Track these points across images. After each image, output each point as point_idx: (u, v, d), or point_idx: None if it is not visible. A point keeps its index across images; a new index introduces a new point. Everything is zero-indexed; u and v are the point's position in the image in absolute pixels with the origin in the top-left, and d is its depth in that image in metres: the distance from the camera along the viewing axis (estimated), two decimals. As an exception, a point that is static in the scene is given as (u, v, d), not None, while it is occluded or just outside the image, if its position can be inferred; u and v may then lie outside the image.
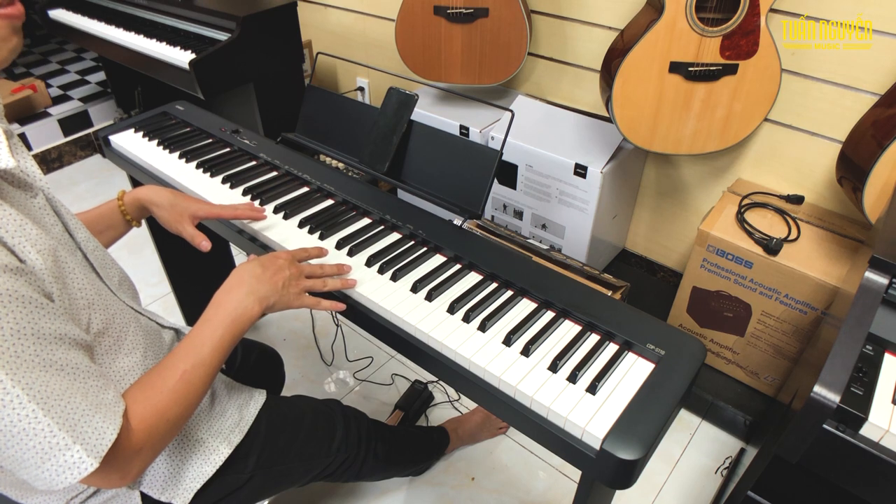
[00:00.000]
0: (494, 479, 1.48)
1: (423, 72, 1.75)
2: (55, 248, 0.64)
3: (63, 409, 0.56)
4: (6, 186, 0.63)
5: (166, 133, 1.30)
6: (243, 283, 0.78)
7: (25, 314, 0.55)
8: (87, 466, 0.58)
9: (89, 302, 0.69)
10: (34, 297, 0.57)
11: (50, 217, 0.70)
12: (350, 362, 1.79)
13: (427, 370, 0.86)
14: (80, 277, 0.68)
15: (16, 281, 0.55)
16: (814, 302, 1.33)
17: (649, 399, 0.72)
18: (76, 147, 2.81)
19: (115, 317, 0.74)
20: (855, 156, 1.19)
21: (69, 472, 0.57)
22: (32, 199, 0.67)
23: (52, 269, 0.62)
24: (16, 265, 0.56)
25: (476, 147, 1.01)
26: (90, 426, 0.58)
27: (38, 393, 0.55)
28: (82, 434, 0.57)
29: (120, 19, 2.12)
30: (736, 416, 1.53)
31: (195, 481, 0.85)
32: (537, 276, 0.91)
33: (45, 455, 0.56)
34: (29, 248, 0.59)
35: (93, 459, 0.58)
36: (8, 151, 0.60)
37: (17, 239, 0.59)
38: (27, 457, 0.56)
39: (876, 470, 0.74)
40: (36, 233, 0.62)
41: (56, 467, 0.57)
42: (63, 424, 0.56)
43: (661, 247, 1.90)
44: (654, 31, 1.29)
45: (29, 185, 0.67)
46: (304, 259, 0.90)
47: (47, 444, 0.56)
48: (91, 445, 0.58)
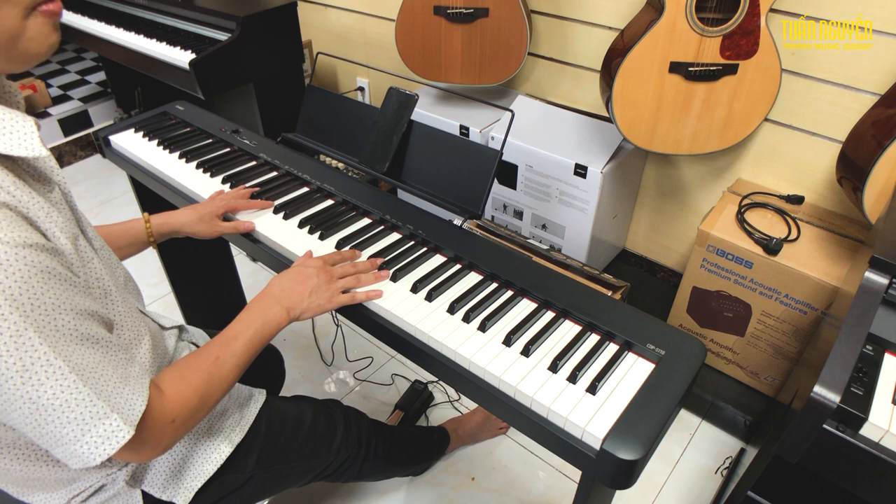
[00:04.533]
0: (494, 479, 1.48)
1: (423, 72, 1.75)
2: (77, 235, 0.66)
3: (98, 381, 0.59)
4: (29, 180, 0.64)
5: (166, 133, 1.30)
6: (272, 294, 0.84)
7: (64, 290, 0.58)
8: (124, 435, 0.60)
9: (105, 291, 0.70)
10: (68, 275, 0.59)
11: (66, 212, 0.70)
12: (350, 362, 1.79)
13: (427, 370, 0.86)
14: (98, 266, 0.70)
15: (52, 259, 0.57)
16: (814, 302, 1.33)
17: (649, 399, 0.72)
18: (76, 147, 2.81)
19: (124, 314, 0.74)
20: (855, 156, 1.19)
21: (107, 442, 0.60)
22: (50, 192, 0.67)
23: (75, 254, 0.64)
24: (52, 246, 0.58)
25: (476, 147, 1.01)
26: (122, 397, 0.61)
27: (76, 365, 0.57)
28: (117, 404, 0.60)
29: (120, 19, 2.12)
30: (736, 416, 1.53)
31: (196, 480, 0.85)
32: (537, 277, 0.91)
33: (85, 426, 0.58)
34: (58, 232, 0.61)
35: (129, 427, 0.61)
36: (40, 141, 0.61)
37: (48, 224, 0.60)
38: (67, 431, 0.58)
39: (876, 470, 0.74)
40: (61, 220, 0.63)
41: (95, 438, 0.59)
42: (100, 394, 0.59)
43: (661, 247, 1.90)
44: (654, 31, 1.29)
45: (47, 179, 0.67)
46: (337, 262, 0.92)
47: (88, 413, 0.58)
48: (126, 414, 0.61)
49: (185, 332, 0.98)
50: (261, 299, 0.84)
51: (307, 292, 0.85)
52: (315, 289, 0.86)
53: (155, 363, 0.80)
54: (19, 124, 0.60)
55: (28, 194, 0.59)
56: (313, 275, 0.87)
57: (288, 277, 0.87)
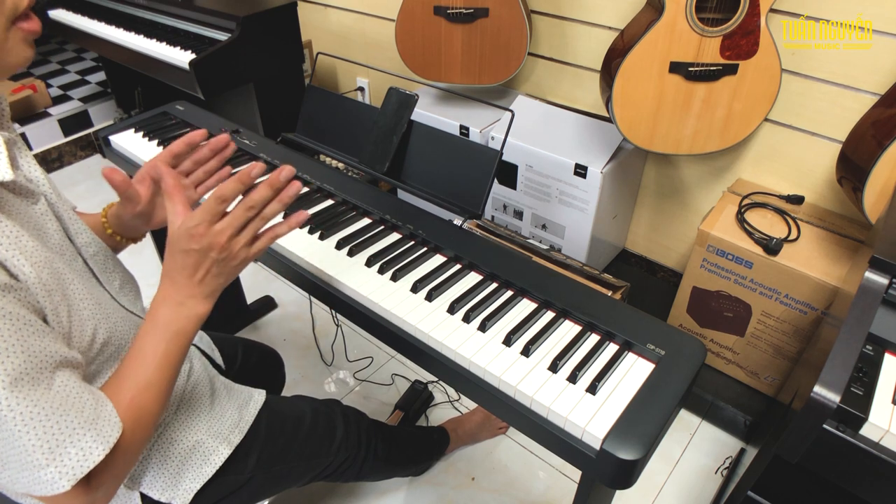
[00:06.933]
0: (494, 479, 1.48)
1: (423, 72, 1.75)
2: (52, 260, 0.64)
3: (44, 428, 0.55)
4: (6, 195, 0.63)
5: (166, 133, 1.30)
6: (170, 297, 0.68)
7: (14, 331, 0.55)
8: (59, 487, 0.57)
9: (92, 313, 0.68)
10: (23, 315, 0.56)
11: (51, 223, 0.69)
12: (350, 362, 1.79)
13: (427, 370, 0.86)
14: (81, 289, 0.67)
15: (3, 299, 0.55)
16: (814, 302, 1.33)
17: (649, 399, 0.72)
18: (76, 147, 2.81)
19: (116, 325, 0.73)
20: (855, 156, 1.19)
21: (43, 487, 0.57)
22: (33, 205, 0.66)
23: (48, 282, 0.61)
24: (5, 282, 0.56)
25: (476, 147, 1.01)
26: (74, 445, 0.57)
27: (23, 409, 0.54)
28: (61, 455, 0.56)
29: (120, 19, 2.12)
30: (736, 416, 1.53)
31: (195, 482, 0.84)
32: (537, 276, 0.91)
33: (22, 466, 0.56)
34: (23, 261, 0.59)
35: (65, 482, 0.57)
36: (8, 164, 0.60)
37: (11, 252, 0.58)
38: (9, 461, 0.56)
39: (876, 470, 0.74)
40: (32, 245, 0.61)
41: (31, 480, 0.56)
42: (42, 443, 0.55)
43: (661, 247, 1.90)
44: (654, 31, 1.29)
45: (30, 192, 0.66)
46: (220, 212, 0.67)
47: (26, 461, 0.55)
48: (68, 468, 0.57)
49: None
50: (162, 303, 0.68)
51: (210, 274, 0.68)
52: (216, 263, 0.67)
53: None
54: None
55: None
56: (204, 252, 0.66)
57: (178, 270, 0.67)
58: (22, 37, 0.62)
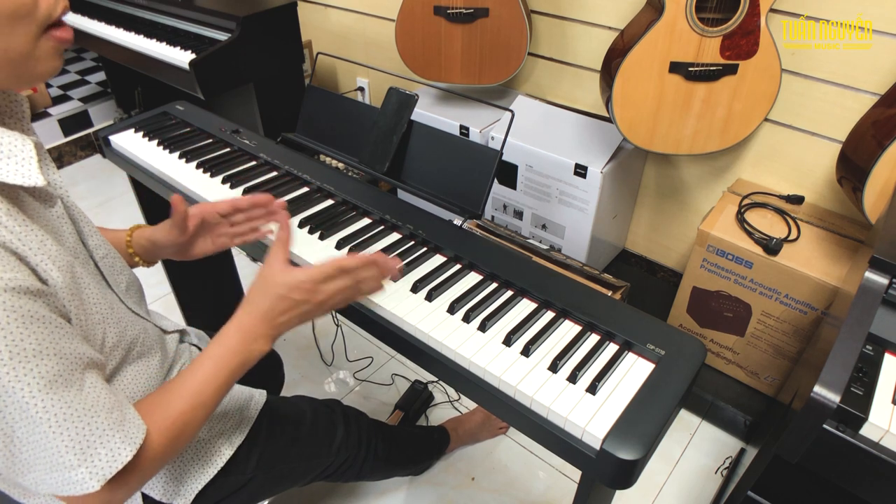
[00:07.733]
0: (494, 479, 1.48)
1: (423, 72, 1.75)
2: (72, 263, 0.64)
3: (76, 429, 0.57)
4: (28, 199, 0.63)
5: (166, 133, 1.30)
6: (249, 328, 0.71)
7: (47, 334, 0.55)
8: (89, 487, 0.58)
9: (103, 317, 0.69)
10: (53, 318, 0.57)
11: (67, 226, 0.69)
12: (350, 362, 1.79)
13: (427, 370, 0.86)
14: (95, 292, 0.68)
15: (35, 303, 0.55)
16: (814, 302, 1.33)
17: (649, 399, 0.72)
18: (76, 147, 2.81)
19: (126, 328, 0.74)
20: (855, 156, 1.19)
21: (72, 488, 0.58)
22: (51, 208, 0.66)
23: (70, 286, 0.62)
24: (38, 287, 0.56)
25: (476, 147, 1.01)
26: (104, 446, 0.58)
27: (55, 413, 0.55)
28: (92, 456, 0.57)
29: (120, 19, 2.12)
30: (736, 416, 1.53)
31: (196, 483, 0.85)
32: (537, 276, 0.91)
33: (52, 470, 0.57)
34: (51, 266, 0.59)
35: (95, 482, 0.58)
36: (38, 169, 0.60)
37: (40, 257, 0.58)
38: (37, 462, 0.56)
39: (876, 470, 0.74)
40: (56, 249, 0.62)
41: (59, 483, 0.57)
42: (73, 444, 0.56)
43: (661, 247, 1.90)
44: (654, 31, 1.29)
45: (49, 195, 0.66)
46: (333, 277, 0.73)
47: (57, 462, 0.56)
48: (98, 468, 0.58)
49: (185, 335, 0.98)
50: (236, 333, 0.71)
51: (291, 321, 0.73)
52: (305, 313, 0.73)
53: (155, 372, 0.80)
54: (18, 148, 0.59)
55: (22, 223, 0.58)
56: (299, 303, 0.72)
57: (267, 309, 0.71)
58: (53, 46, 0.61)
